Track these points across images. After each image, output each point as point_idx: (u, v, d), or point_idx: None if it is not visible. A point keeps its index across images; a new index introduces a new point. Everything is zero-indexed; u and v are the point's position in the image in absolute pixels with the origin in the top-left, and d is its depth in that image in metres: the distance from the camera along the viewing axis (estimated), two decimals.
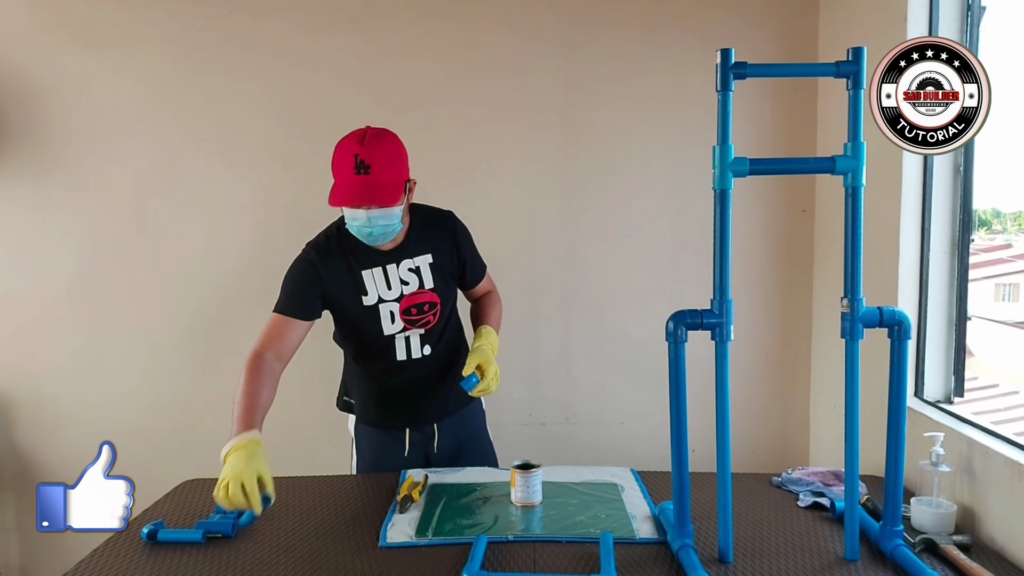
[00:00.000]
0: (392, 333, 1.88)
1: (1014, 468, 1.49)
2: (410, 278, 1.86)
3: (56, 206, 2.66)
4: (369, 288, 1.85)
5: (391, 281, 1.85)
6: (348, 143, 1.73)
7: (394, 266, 1.85)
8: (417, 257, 1.87)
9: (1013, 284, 4.52)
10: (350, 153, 1.69)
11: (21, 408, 2.73)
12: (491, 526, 1.60)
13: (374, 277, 1.85)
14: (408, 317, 1.87)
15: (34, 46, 2.60)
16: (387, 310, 1.86)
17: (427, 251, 1.88)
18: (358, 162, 1.68)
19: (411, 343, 1.91)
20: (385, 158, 1.72)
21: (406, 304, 1.86)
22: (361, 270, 1.84)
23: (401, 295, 1.86)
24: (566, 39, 2.63)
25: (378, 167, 1.69)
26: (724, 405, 1.44)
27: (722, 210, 1.42)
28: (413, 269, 1.87)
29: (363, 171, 1.68)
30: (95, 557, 1.52)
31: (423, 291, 1.87)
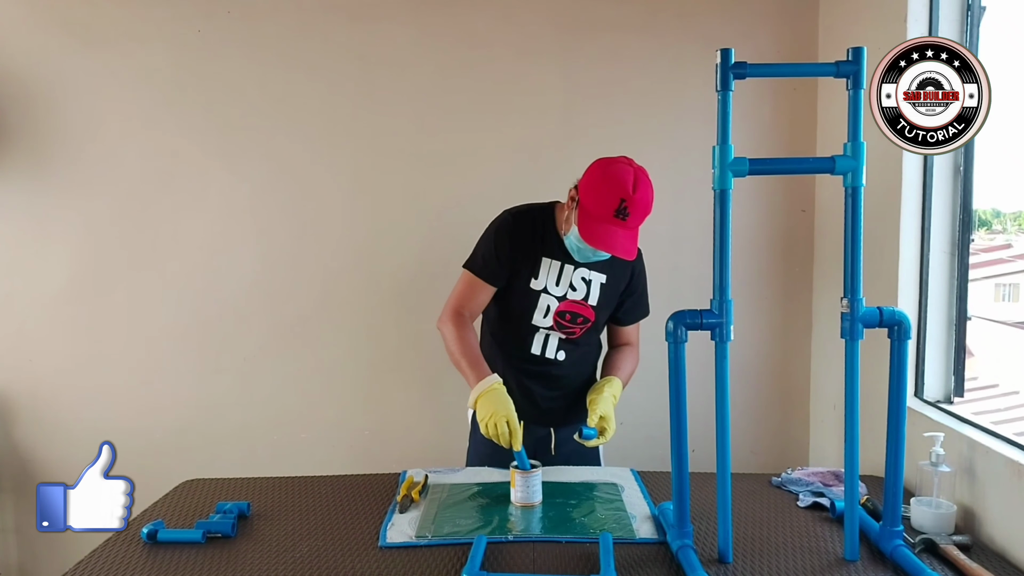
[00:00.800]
0: (539, 325, 1.92)
1: (1014, 468, 1.49)
2: (580, 285, 1.90)
3: (55, 206, 2.66)
4: (541, 274, 1.89)
5: (562, 279, 1.89)
6: (619, 182, 1.72)
7: (571, 268, 1.89)
8: (595, 272, 1.91)
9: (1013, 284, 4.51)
10: (618, 195, 1.71)
11: (21, 408, 2.73)
12: (491, 526, 1.59)
13: (550, 268, 1.89)
14: (560, 319, 1.91)
15: (34, 46, 2.60)
16: (546, 302, 1.90)
17: (605, 271, 1.91)
18: (622, 207, 1.71)
19: (549, 341, 1.94)
20: (644, 210, 1.75)
21: (564, 307, 1.90)
22: (542, 256, 1.89)
23: (564, 296, 1.90)
24: (566, 39, 2.63)
25: (636, 219, 1.73)
26: (724, 405, 1.44)
27: (722, 210, 1.42)
28: (586, 280, 1.90)
29: (623, 216, 1.72)
30: (95, 557, 1.51)
31: (584, 303, 1.91)
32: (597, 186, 1.75)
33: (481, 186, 2.66)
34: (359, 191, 2.69)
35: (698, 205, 2.59)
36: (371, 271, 2.70)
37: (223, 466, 2.24)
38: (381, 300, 2.70)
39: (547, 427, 2.01)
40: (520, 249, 1.89)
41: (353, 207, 2.69)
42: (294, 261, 2.71)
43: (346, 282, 2.70)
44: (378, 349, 2.73)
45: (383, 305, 2.70)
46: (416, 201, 2.68)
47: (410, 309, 2.69)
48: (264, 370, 2.74)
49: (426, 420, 2.73)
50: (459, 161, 2.67)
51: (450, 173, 2.67)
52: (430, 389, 2.73)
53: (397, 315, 2.69)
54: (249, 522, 1.67)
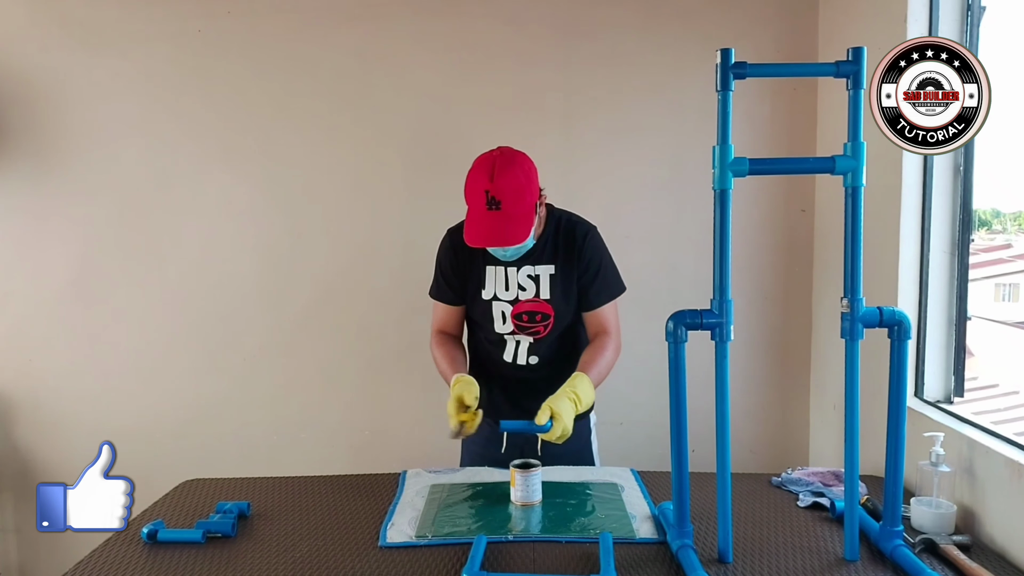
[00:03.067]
0: (501, 332, 1.91)
1: (1014, 468, 1.49)
2: (528, 284, 1.88)
3: (55, 206, 2.66)
4: (488, 283, 1.89)
5: (509, 283, 1.89)
6: (479, 175, 1.74)
7: (514, 270, 1.88)
8: (539, 266, 1.88)
9: (1013, 284, 4.51)
10: (480, 188, 1.71)
11: (21, 408, 2.73)
12: (491, 526, 1.59)
13: (495, 274, 1.89)
14: (519, 322, 1.90)
15: (34, 46, 2.61)
16: (499, 309, 1.89)
17: (552, 262, 1.88)
18: (489, 198, 1.70)
19: (519, 348, 1.93)
20: (515, 192, 1.72)
21: (519, 309, 1.89)
22: (486, 265, 1.89)
23: (516, 299, 1.88)
24: (566, 38, 2.63)
25: (508, 202, 1.71)
26: (724, 405, 1.44)
27: (722, 210, 1.42)
28: (532, 276, 1.88)
29: (494, 207, 1.70)
30: (95, 557, 1.51)
31: (538, 300, 1.88)
32: (466, 187, 1.77)
33: None
34: (359, 191, 2.69)
35: (698, 205, 2.60)
36: (371, 271, 2.70)
37: (223, 466, 2.24)
38: (381, 300, 2.70)
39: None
40: (461, 263, 1.90)
41: (353, 207, 2.69)
42: (294, 261, 2.71)
43: (346, 282, 2.70)
44: (378, 349, 2.73)
45: (383, 305, 2.70)
46: (416, 201, 2.68)
47: (410, 309, 2.69)
48: (264, 370, 2.74)
49: (426, 420, 2.73)
50: (459, 161, 2.66)
51: (450, 173, 2.65)
52: (430, 389, 2.72)
53: (397, 315, 2.69)
54: (249, 522, 1.67)
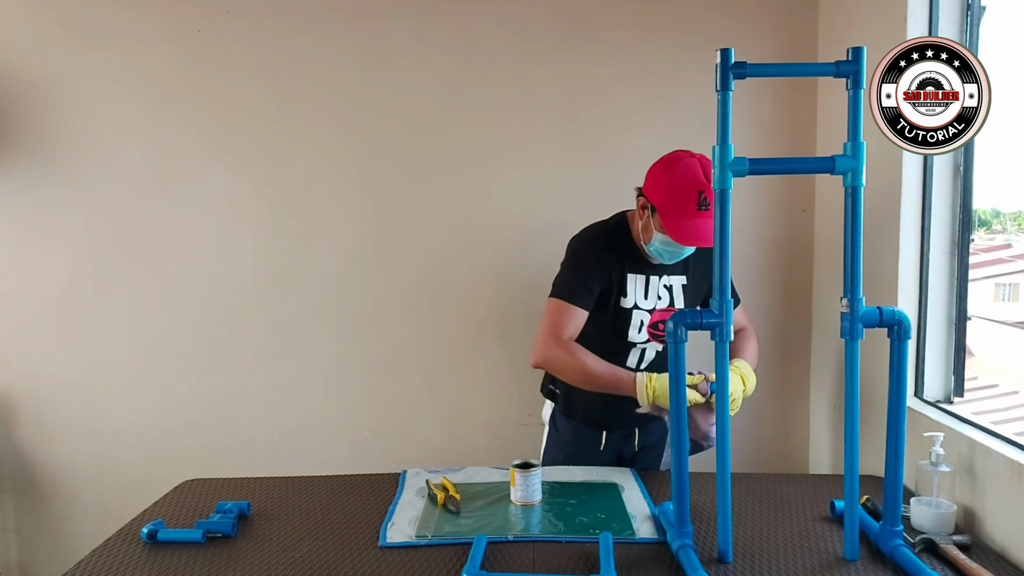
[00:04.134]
0: (636, 341, 1.93)
1: (1014, 468, 1.49)
2: (663, 294, 1.93)
3: (55, 206, 2.66)
4: (630, 291, 1.91)
5: (649, 291, 1.92)
6: (691, 175, 1.75)
7: (656, 278, 1.92)
8: (673, 276, 1.94)
9: (1013, 284, 4.51)
10: (695, 188, 1.73)
11: (21, 408, 2.73)
12: (491, 526, 1.60)
13: (636, 283, 1.91)
14: (654, 331, 1.93)
15: (33, 46, 2.60)
16: (639, 318, 1.92)
17: (683, 273, 1.94)
18: (701, 199, 1.73)
19: (645, 355, 1.96)
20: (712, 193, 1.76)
21: (656, 318, 1.92)
22: (627, 272, 1.91)
23: (654, 308, 1.92)
24: (566, 39, 2.63)
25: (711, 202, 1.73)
26: (724, 405, 1.44)
27: (722, 210, 1.42)
28: (667, 287, 1.94)
29: (705, 207, 1.73)
30: (95, 557, 1.51)
31: (671, 309, 1.93)
32: (671, 185, 1.77)
33: (482, 185, 2.66)
34: (359, 190, 2.69)
35: None
36: (371, 271, 2.70)
37: (223, 466, 2.25)
38: (381, 300, 2.70)
39: (632, 427, 2.04)
40: (606, 270, 1.90)
41: (353, 206, 2.69)
42: (294, 261, 2.71)
43: (346, 282, 2.70)
44: (378, 349, 2.73)
45: (383, 305, 2.70)
46: (416, 200, 2.68)
47: (411, 309, 2.70)
48: (264, 370, 2.74)
49: (426, 420, 2.73)
50: (460, 160, 2.67)
51: (451, 172, 2.67)
52: (430, 389, 2.73)
53: (397, 315, 2.70)
54: (249, 522, 1.67)
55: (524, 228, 2.70)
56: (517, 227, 2.69)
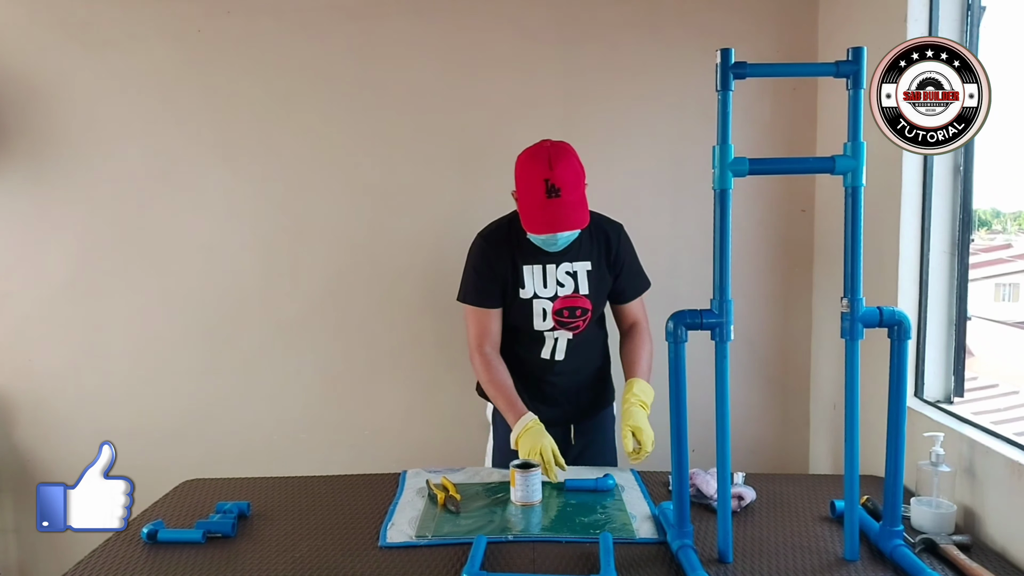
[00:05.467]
0: (542, 330, 1.94)
1: (1014, 468, 1.49)
2: (566, 281, 1.92)
3: (55, 206, 2.66)
4: (527, 282, 1.92)
5: (548, 280, 1.92)
6: (536, 167, 1.77)
7: (553, 266, 1.92)
8: (577, 262, 1.93)
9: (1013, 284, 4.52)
10: (540, 178, 1.75)
11: (21, 408, 2.73)
12: (491, 526, 1.60)
13: (533, 273, 1.92)
14: (560, 318, 1.93)
15: (33, 46, 2.60)
16: (540, 307, 1.93)
17: (588, 259, 1.93)
18: (549, 187, 1.74)
19: (558, 344, 1.97)
20: (574, 178, 1.78)
21: (559, 305, 1.92)
22: (523, 264, 1.92)
23: (555, 295, 1.92)
24: (566, 38, 2.63)
25: (568, 188, 1.76)
26: (724, 405, 1.44)
27: (722, 210, 1.42)
28: (571, 273, 1.92)
29: (554, 195, 1.74)
30: (95, 557, 1.52)
31: (577, 295, 1.93)
32: (521, 178, 1.82)
33: (481, 185, 2.66)
34: (359, 191, 2.69)
35: (698, 205, 2.60)
36: (371, 271, 2.70)
37: (223, 466, 2.25)
38: (381, 300, 2.70)
39: (567, 423, 2.06)
40: (500, 266, 1.93)
41: (353, 207, 2.69)
42: (294, 261, 2.71)
43: (346, 282, 2.70)
44: (378, 349, 2.73)
45: (383, 305, 2.70)
46: (416, 200, 2.68)
47: (410, 309, 2.69)
48: (264, 370, 2.73)
49: (426, 420, 2.73)
50: (459, 161, 2.67)
51: (450, 172, 2.67)
52: (430, 389, 2.73)
53: (397, 315, 2.70)
54: (249, 522, 1.67)
55: None
56: None
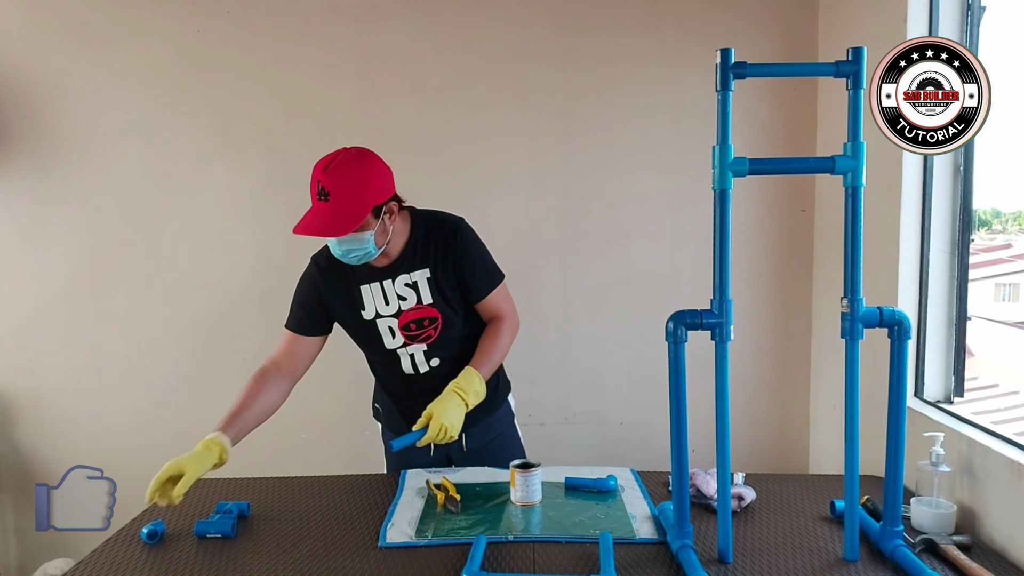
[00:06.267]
0: (393, 348, 1.88)
1: (1014, 468, 1.49)
2: (407, 293, 1.83)
3: (56, 206, 2.66)
4: (367, 303, 1.85)
5: (388, 297, 1.84)
6: (316, 168, 1.71)
7: (390, 282, 1.83)
8: (414, 272, 1.83)
9: (1013, 284, 4.52)
10: (315, 179, 1.69)
11: (21, 408, 2.73)
12: (491, 526, 1.59)
13: (372, 292, 1.84)
14: (408, 332, 1.85)
15: (33, 46, 2.61)
16: (385, 325, 1.85)
17: (425, 265, 1.83)
18: (319, 188, 1.67)
19: (416, 358, 1.89)
20: (346, 184, 1.67)
21: (405, 320, 1.84)
22: (360, 284, 1.84)
23: (399, 311, 1.84)
24: (566, 39, 2.63)
25: (338, 194, 1.66)
26: (724, 405, 1.44)
27: (722, 210, 1.42)
28: (410, 284, 1.83)
29: (323, 198, 1.67)
30: (95, 557, 1.51)
31: (421, 306, 1.84)
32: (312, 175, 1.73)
33: (481, 185, 2.66)
34: None
35: (698, 205, 2.60)
36: None
37: (223, 466, 2.24)
38: None
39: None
40: (331, 289, 1.85)
41: None
42: (294, 261, 2.70)
43: None
44: None
45: None
46: (416, 200, 2.66)
47: None
48: None
49: None
50: (459, 161, 2.67)
51: (450, 172, 2.67)
52: None
53: None
54: (249, 522, 1.67)
55: (524, 228, 2.70)
56: (517, 227, 2.69)
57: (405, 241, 1.84)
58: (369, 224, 1.71)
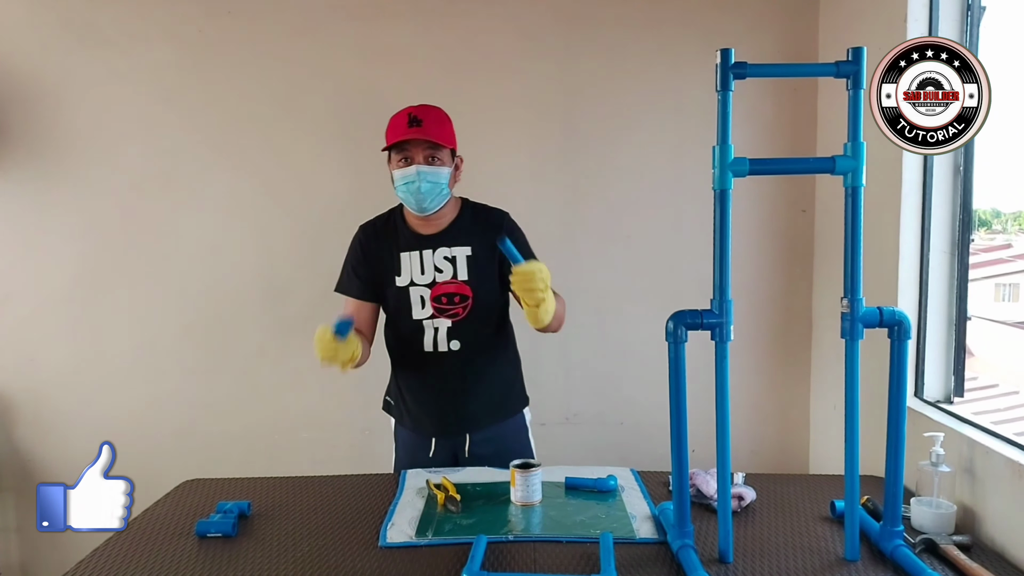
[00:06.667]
0: (420, 318, 1.91)
1: (1014, 468, 1.49)
2: (444, 266, 1.89)
3: (56, 206, 2.66)
4: (403, 270, 1.90)
5: (425, 266, 1.89)
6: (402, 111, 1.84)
7: (430, 252, 1.89)
8: (456, 247, 1.90)
9: (1013, 284, 4.52)
10: (404, 113, 1.82)
11: (21, 408, 2.73)
12: (491, 526, 1.59)
13: (411, 260, 1.90)
14: (438, 304, 1.90)
15: (34, 46, 2.61)
16: (418, 294, 1.90)
17: (467, 243, 1.90)
18: (411, 118, 1.80)
19: (439, 334, 1.91)
20: (437, 117, 1.83)
21: (437, 292, 1.89)
22: (400, 252, 1.91)
23: (433, 281, 1.89)
24: (566, 38, 2.63)
25: (430, 122, 1.80)
26: (724, 405, 1.44)
27: (722, 210, 1.42)
28: (449, 258, 1.89)
29: (416, 124, 1.79)
30: (95, 557, 1.51)
31: (455, 281, 1.89)
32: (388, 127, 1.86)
33: (481, 185, 2.65)
34: (359, 190, 2.68)
35: (698, 205, 2.60)
36: None
37: (223, 466, 2.24)
38: None
39: (462, 433, 1.97)
40: (374, 254, 1.93)
41: (353, 206, 2.67)
42: (295, 261, 2.71)
43: None
44: (378, 349, 2.72)
45: None
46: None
47: None
48: (264, 370, 2.74)
49: None
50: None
51: None
52: None
53: None
54: (249, 522, 1.67)
55: (524, 227, 2.69)
56: None
57: (453, 217, 1.92)
58: (448, 161, 1.85)
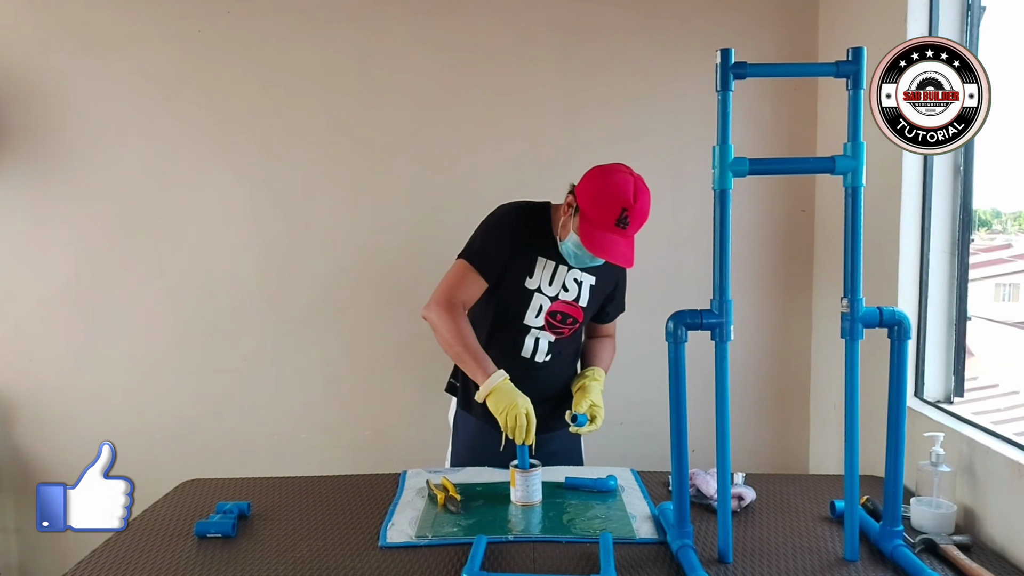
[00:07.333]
0: (530, 325, 1.92)
1: (1014, 468, 1.49)
2: (572, 287, 1.92)
3: (55, 206, 2.66)
4: (536, 273, 1.90)
5: (555, 279, 1.91)
6: (622, 189, 1.75)
7: (565, 268, 1.91)
8: (586, 274, 1.93)
9: (1013, 284, 4.51)
10: (620, 204, 1.74)
11: (21, 408, 2.73)
12: (491, 526, 1.59)
13: (545, 267, 1.90)
14: (551, 319, 1.92)
15: (33, 46, 2.60)
16: (539, 302, 1.91)
17: (595, 274, 1.93)
18: (622, 216, 1.74)
19: (539, 345, 1.94)
20: (643, 219, 1.78)
21: (556, 307, 1.92)
22: (539, 255, 1.90)
23: (556, 296, 1.91)
24: (566, 38, 2.63)
25: (635, 227, 1.77)
26: (724, 405, 1.44)
27: (722, 210, 1.42)
28: (578, 281, 1.92)
29: (623, 226, 1.74)
30: (95, 557, 1.51)
31: (575, 304, 1.93)
32: (598, 195, 1.76)
33: (481, 186, 2.66)
34: (359, 191, 2.69)
35: (698, 205, 2.60)
36: (371, 271, 2.70)
37: (223, 466, 2.24)
38: (381, 300, 2.70)
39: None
40: (518, 245, 1.89)
41: (353, 207, 2.69)
42: (294, 261, 2.71)
43: (346, 282, 2.70)
44: (378, 349, 2.73)
45: (383, 305, 2.70)
46: (416, 200, 2.68)
47: (410, 309, 2.67)
48: (264, 370, 2.74)
49: (426, 420, 2.72)
50: (459, 161, 2.67)
51: (450, 173, 2.67)
52: (430, 389, 2.71)
53: (397, 315, 2.69)
54: (249, 522, 1.67)
55: None
56: None
57: None
58: None
